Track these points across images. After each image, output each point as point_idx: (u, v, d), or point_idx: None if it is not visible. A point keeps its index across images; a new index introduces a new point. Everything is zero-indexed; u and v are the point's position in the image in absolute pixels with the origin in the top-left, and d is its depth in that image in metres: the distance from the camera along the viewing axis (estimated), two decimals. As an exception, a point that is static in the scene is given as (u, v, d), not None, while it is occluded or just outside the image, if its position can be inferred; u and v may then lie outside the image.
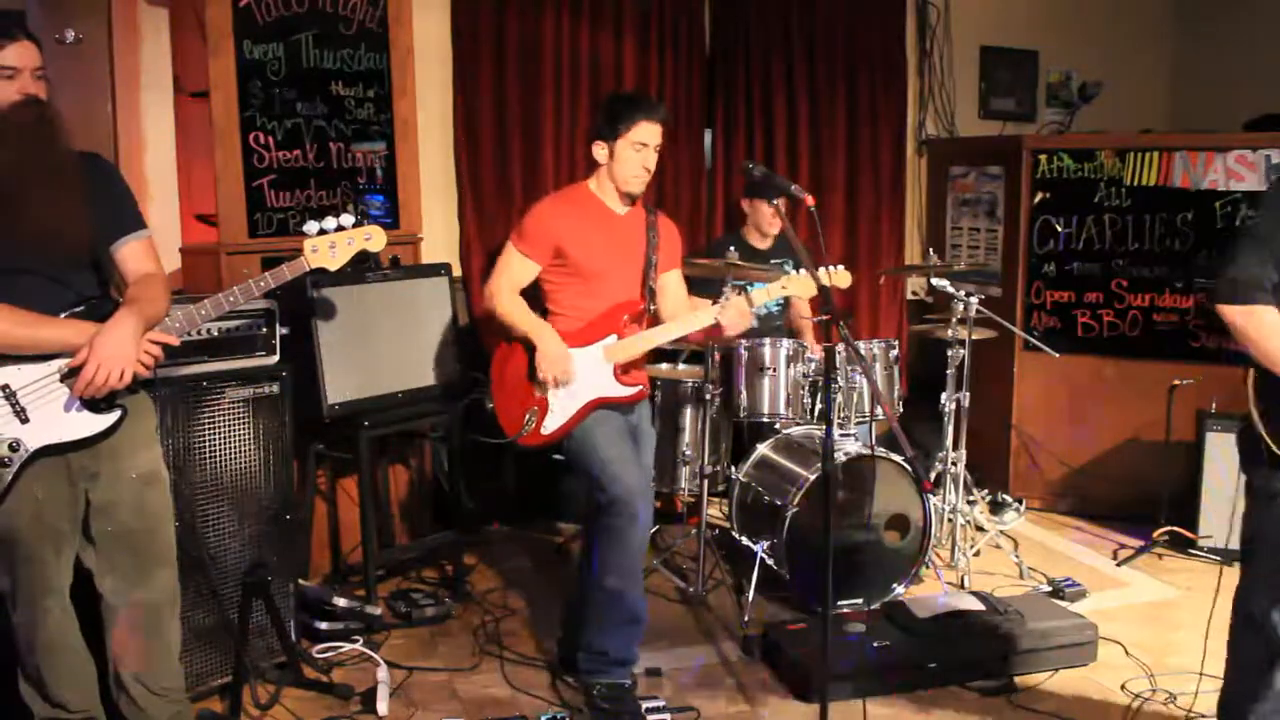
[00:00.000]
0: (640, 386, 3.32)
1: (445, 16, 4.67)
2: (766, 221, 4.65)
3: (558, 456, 3.40)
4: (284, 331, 3.41)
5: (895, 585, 3.98)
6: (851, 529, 3.88)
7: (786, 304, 4.79)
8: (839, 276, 3.34)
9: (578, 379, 3.21)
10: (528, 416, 3.20)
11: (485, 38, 4.69)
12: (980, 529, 4.67)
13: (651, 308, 3.35)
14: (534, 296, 3.33)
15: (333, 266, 2.82)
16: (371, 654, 3.54)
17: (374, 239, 2.88)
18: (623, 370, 3.25)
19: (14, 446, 2.38)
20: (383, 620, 3.79)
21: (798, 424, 4.21)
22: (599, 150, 3.21)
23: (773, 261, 4.63)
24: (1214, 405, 4.54)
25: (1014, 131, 5.83)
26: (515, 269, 3.23)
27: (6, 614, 2.54)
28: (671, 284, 3.40)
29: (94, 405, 2.45)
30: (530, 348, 3.23)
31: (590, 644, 3.22)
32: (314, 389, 3.72)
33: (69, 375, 2.42)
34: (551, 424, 3.21)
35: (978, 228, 5.44)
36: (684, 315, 3.31)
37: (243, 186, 3.94)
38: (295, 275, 2.76)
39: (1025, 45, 5.92)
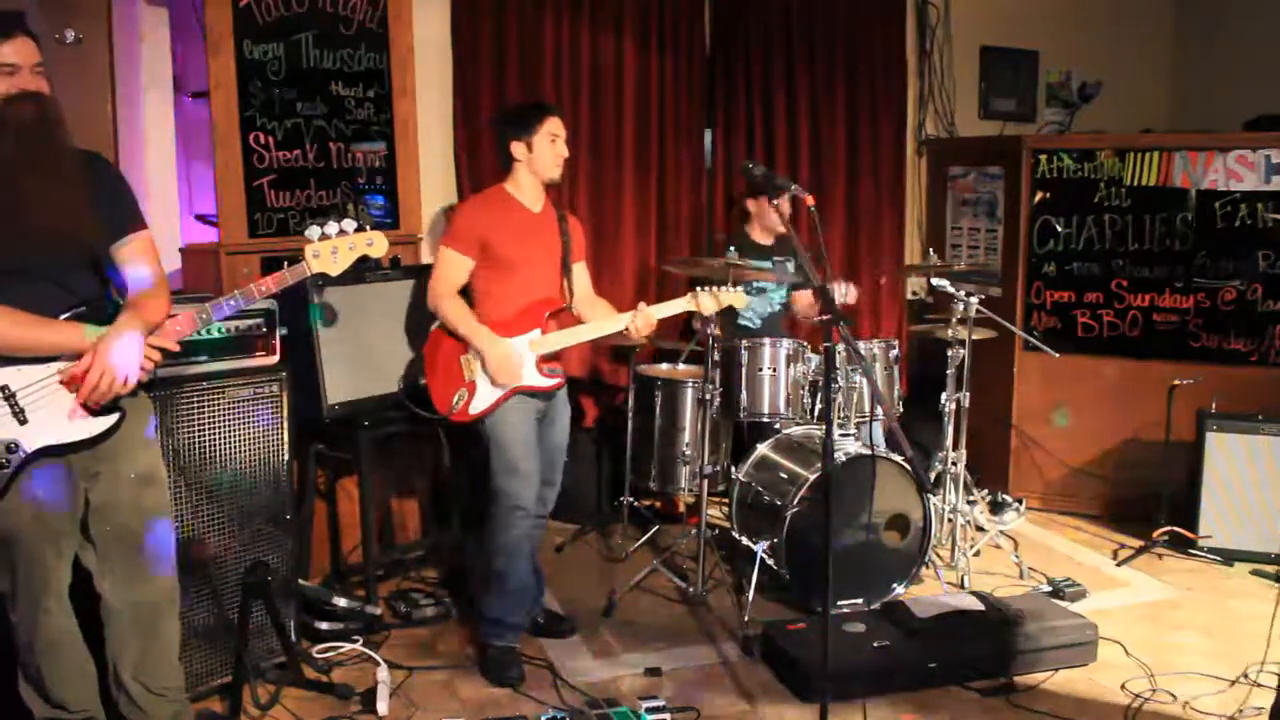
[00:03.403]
0: (559, 379, 3.56)
1: (445, 16, 4.67)
2: (771, 216, 4.60)
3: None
4: (284, 331, 3.41)
5: (895, 585, 3.98)
6: (851, 529, 3.88)
7: (787, 306, 4.78)
8: (733, 296, 3.60)
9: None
10: (457, 397, 3.45)
11: (485, 38, 4.69)
12: (980, 529, 4.67)
13: (570, 299, 3.62)
14: (463, 293, 3.54)
15: (334, 272, 2.78)
16: (371, 654, 3.54)
17: (375, 244, 2.83)
18: (545, 362, 3.48)
19: (12, 448, 2.38)
20: (383, 620, 3.79)
21: (798, 424, 4.21)
22: (518, 149, 3.46)
23: (774, 259, 4.64)
24: (1214, 405, 4.53)
25: (1014, 131, 5.83)
26: (451, 269, 3.45)
27: (6, 614, 2.55)
28: (579, 273, 3.67)
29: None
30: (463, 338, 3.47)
31: (485, 613, 3.52)
32: (314, 389, 3.72)
33: (71, 380, 2.42)
34: (478, 405, 3.44)
35: (978, 228, 5.44)
36: (601, 320, 3.58)
37: (243, 186, 3.95)
38: (296, 280, 2.74)
39: (1025, 45, 5.91)
